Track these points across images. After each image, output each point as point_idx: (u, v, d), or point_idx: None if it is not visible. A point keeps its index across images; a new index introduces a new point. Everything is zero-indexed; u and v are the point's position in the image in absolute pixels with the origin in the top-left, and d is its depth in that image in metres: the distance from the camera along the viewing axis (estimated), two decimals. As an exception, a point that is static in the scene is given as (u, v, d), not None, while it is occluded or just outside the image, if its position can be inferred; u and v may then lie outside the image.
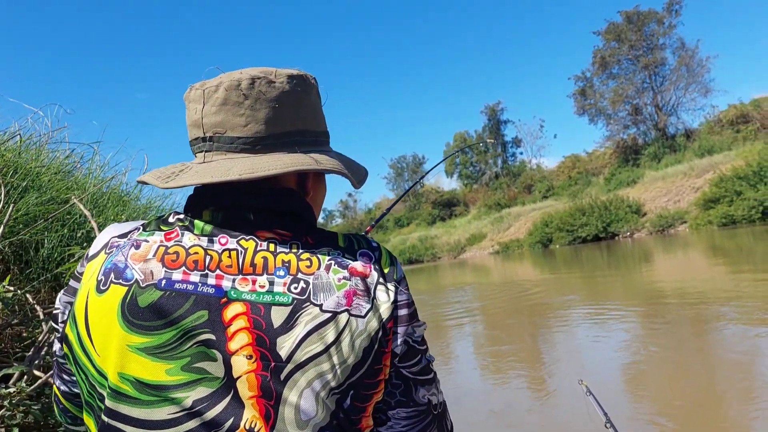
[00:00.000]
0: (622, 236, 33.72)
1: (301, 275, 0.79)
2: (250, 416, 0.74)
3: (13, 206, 2.39)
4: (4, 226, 2.33)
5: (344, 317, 0.78)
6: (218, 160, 0.83)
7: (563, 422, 4.60)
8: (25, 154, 3.31)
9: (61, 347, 0.89)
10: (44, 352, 2.10)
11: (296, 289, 0.78)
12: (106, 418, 0.78)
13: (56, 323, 0.91)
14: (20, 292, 2.38)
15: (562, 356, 7.02)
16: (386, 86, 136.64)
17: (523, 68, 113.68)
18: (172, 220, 0.86)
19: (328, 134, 0.95)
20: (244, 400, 0.75)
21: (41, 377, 1.97)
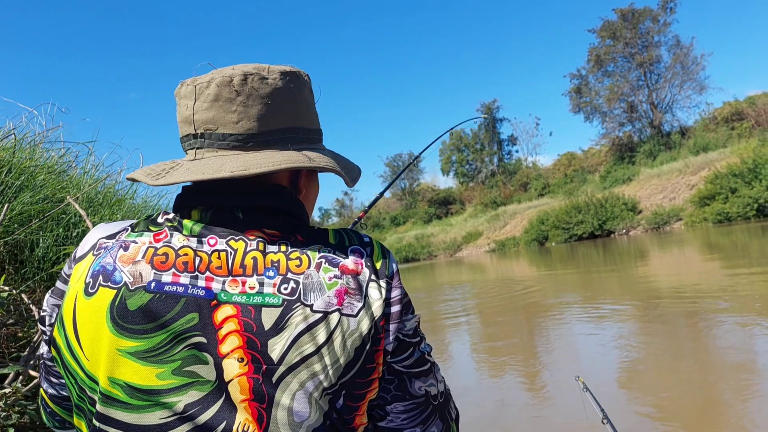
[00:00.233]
0: (617, 234, 33.82)
1: (290, 275, 0.77)
2: (242, 419, 0.73)
3: (7, 205, 2.38)
4: (-2, 225, 2.32)
5: (335, 317, 0.76)
6: (209, 157, 0.82)
7: (560, 418, 4.62)
8: (19, 153, 3.29)
9: (48, 350, 0.88)
10: (40, 352, 2.09)
11: (286, 289, 0.76)
12: (97, 422, 0.77)
13: (43, 326, 0.89)
14: (15, 291, 2.37)
15: (558, 353, 7.04)
16: (381, 84, 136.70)
17: (518, 66, 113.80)
18: (161, 220, 0.84)
19: (321, 132, 0.94)
20: (236, 403, 0.74)
21: (37, 377, 1.96)
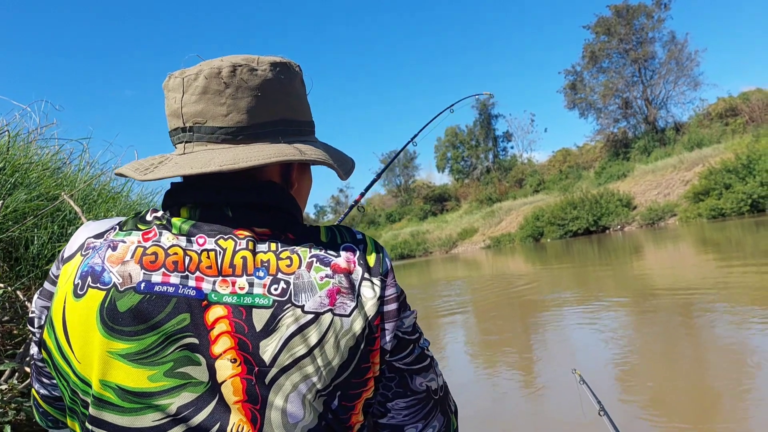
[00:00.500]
0: (612, 229, 33.91)
1: (281, 275, 0.76)
2: (236, 420, 0.73)
3: (2, 203, 2.37)
4: (-7, 222, 2.31)
5: (328, 317, 0.75)
6: (199, 150, 0.80)
7: (557, 411, 4.64)
8: (13, 150, 3.28)
9: (39, 351, 0.87)
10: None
11: (276, 290, 0.75)
12: (90, 425, 0.76)
13: (32, 327, 0.88)
14: (10, 289, 2.37)
15: (554, 347, 7.07)
16: (376, 81, 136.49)
17: (513, 63, 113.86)
18: (149, 218, 0.82)
19: (313, 124, 0.92)
20: (229, 404, 0.73)
21: (33, 374, 1.96)
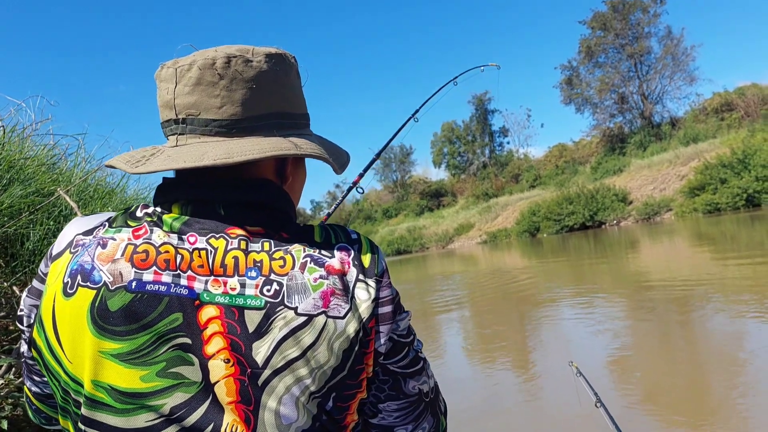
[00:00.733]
0: (608, 224, 33.99)
1: (274, 276, 0.74)
2: (230, 420, 0.72)
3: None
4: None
5: (321, 320, 0.74)
6: (192, 143, 0.79)
7: (553, 403, 4.67)
8: (8, 146, 3.26)
9: (28, 349, 0.86)
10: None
11: (269, 291, 0.74)
12: (83, 426, 0.75)
13: (22, 325, 0.86)
14: (6, 284, 2.36)
15: (550, 341, 7.10)
16: (372, 77, 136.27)
17: (509, 58, 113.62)
18: (140, 214, 0.81)
19: (308, 116, 0.91)
20: (223, 404, 0.72)
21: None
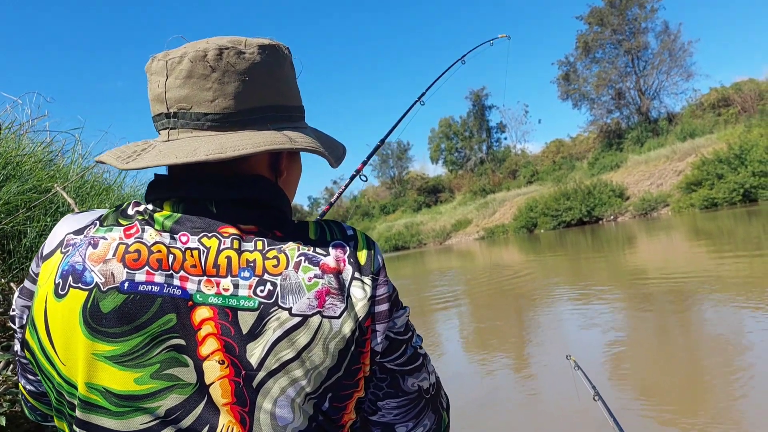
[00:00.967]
0: (605, 220, 34.05)
1: (267, 276, 0.73)
2: (226, 422, 0.71)
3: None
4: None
5: (316, 320, 0.72)
6: (184, 138, 0.77)
7: (552, 396, 4.68)
8: (5, 142, 3.26)
9: (21, 350, 0.85)
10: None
11: (263, 292, 0.72)
12: (78, 428, 0.73)
13: (14, 325, 0.86)
14: (4, 281, 2.36)
15: (547, 335, 7.12)
16: (370, 73, 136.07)
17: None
18: (131, 212, 0.79)
19: (303, 109, 0.89)
20: (218, 406, 0.71)
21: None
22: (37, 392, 0.90)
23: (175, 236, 0.75)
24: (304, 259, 0.75)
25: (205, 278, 0.73)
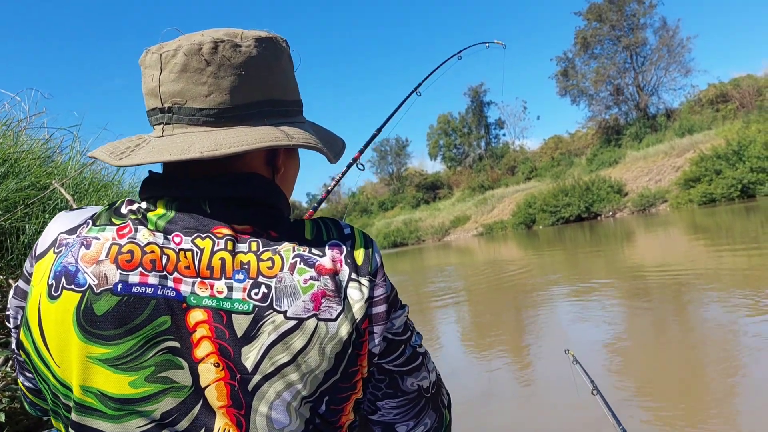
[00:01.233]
0: (604, 216, 34.07)
1: (262, 278, 0.72)
2: (222, 424, 0.71)
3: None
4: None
5: (312, 323, 0.71)
6: (178, 133, 0.75)
7: (550, 391, 4.69)
8: (2, 139, 3.25)
9: (17, 350, 0.84)
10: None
11: (257, 295, 0.71)
12: (73, 431, 0.73)
13: (9, 324, 0.85)
14: (2, 278, 2.36)
15: (546, 330, 7.14)
16: (368, 69, 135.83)
17: (506, 50, 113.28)
18: (124, 211, 0.77)
19: (300, 103, 0.87)
20: (214, 408, 0.71)
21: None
22: (35, 389, 0.90)
23: (168, 237, 0.73)
24: (299, 260, 0.74)
25: (199, 280, 0.72)
